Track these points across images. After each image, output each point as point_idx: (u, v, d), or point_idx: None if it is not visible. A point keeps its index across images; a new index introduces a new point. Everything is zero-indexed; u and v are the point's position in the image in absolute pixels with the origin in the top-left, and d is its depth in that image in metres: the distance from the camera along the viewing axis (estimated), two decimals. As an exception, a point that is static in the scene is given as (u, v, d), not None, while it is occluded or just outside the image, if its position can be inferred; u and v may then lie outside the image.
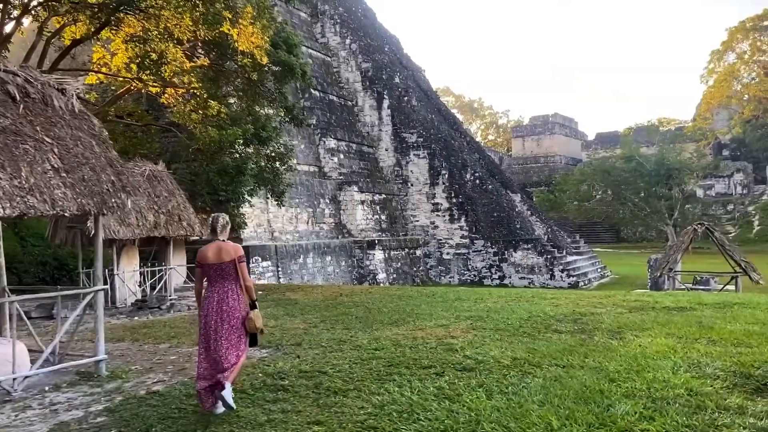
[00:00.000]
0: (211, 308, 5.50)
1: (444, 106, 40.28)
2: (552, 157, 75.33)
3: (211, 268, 5.57)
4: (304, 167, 29.63)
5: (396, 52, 38.46)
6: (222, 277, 5.55)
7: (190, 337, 9.28)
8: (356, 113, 34.25)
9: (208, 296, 5.57)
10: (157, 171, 15.14)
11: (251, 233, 24.77)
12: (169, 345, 9.07)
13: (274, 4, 32.30)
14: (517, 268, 31.12)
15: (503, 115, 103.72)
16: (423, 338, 8.23)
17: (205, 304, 5.55)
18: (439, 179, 32.81)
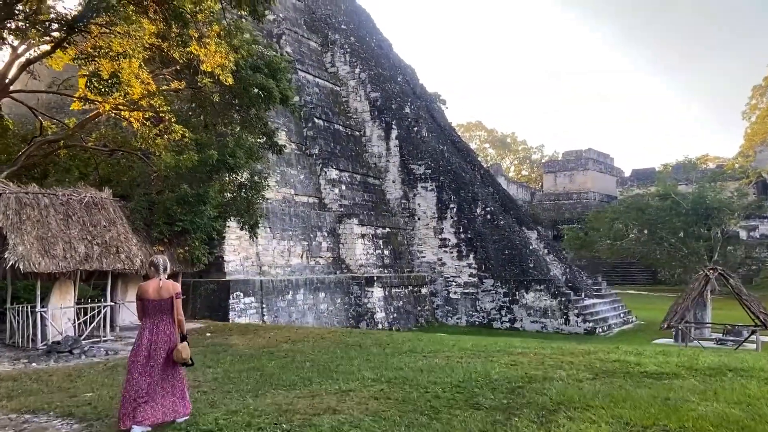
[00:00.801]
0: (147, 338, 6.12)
1: (458, 137, 38.70)
2: (585, 193, 72.62)
3: (150, 303, 6.22)
4: (303, 198, 28.34)
5: (410, 81, 37.27)
6: (160, 311, 6.23)
7: (74, 400, 7.55)
8: (363, 143, 32.98)
9: (145, 327, 6.20)
10: (99, 198, 13.94)
11: (236, 267, 23.43)
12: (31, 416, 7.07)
13: (282, 32, 31.73)
14: (529, 310, 28.88)
15: (537, 150, 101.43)
16: (295, 410, 6.51)
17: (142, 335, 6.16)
18: (447, 213, 31.05)
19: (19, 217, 12.48)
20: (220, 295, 21.81)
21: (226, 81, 15.79)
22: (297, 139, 29.57)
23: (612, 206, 60.71)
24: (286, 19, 32.74)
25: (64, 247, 12.63)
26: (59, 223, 12.88)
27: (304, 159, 29.12)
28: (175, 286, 6.38)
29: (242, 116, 18.55)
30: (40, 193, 13.08)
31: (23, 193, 12.85)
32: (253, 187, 18.25)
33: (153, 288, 6.21)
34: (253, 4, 15.29)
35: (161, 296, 6.18)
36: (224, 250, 23.00)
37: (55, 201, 13.14)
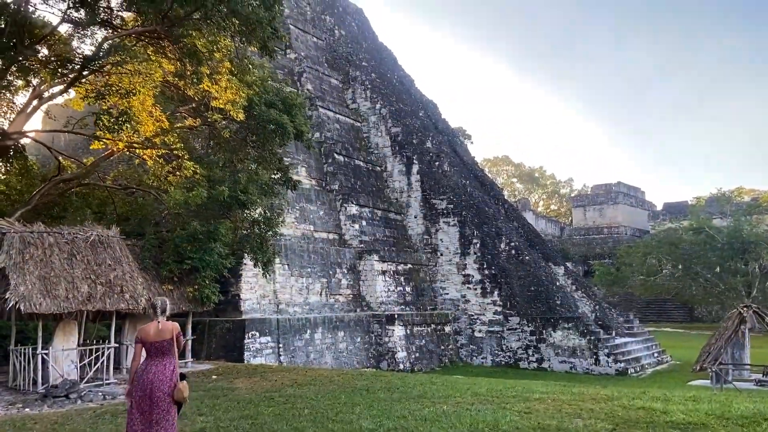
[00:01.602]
0: (148, 378, 6.23)
1: (481, 171, 38.16)
2: (616, 228, 70.98)
3: (152, 345, 6.39)
4: (322, 234, 27.97)
5: (432, 116, 37.05)
6: (161, 352, 6.39)
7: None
8: (384, 179, 32.66)
9: (146, 368, 6.32)
10: (105, 237, 13.72)
11: (253, 305, 23.02)
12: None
13: (303, 70, 31.91)
14: (556, 350, 27.73)
15: (566, 185, 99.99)
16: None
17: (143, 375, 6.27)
18: (470, 248, 30.31)
19: (22, 256, 12.29)
20: (235, 334, 21.37)
21: (237, 117, 15.65)
22: (317, 175, 29.40)
23: (644, 241, 59.11)
24: (308, 57, 32.98)
25: (67, 287, 12.37)
26: (63, 263, 12.65)
27: (324, 195, 28.87)
28: (175, 327, 6.58)
29: (257, 152, 18.38)
30: (45, 232, 12.91)
31: (28, 232, 12.69)
32: (267, 223, 17.93)
33: (153, 330, 6.41)
34: (264, 41, 15.17)
35: (162, 337, 6.39)
36: (241, 287, 22.66)
37: (60, 240, 12.95)
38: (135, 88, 14.16)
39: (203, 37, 15.11)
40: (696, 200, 65.19)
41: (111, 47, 15.96)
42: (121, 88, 14.16)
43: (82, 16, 16.04)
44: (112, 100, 14.28)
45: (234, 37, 15.27)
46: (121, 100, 14.31)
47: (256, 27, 14.51)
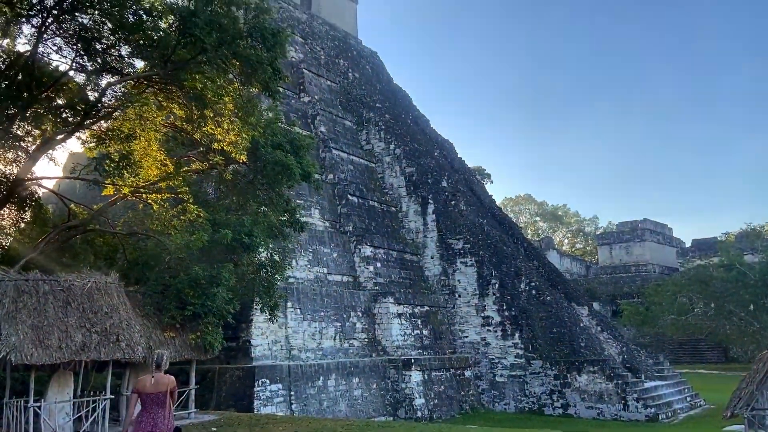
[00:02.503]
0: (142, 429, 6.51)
1: (499, 210, 37.49)
2: (644, 266, 69.19)
3: (148, 396, 6.67)
4: (336, 277, 27.43)
5: (448, 156, 36.72)
6: (156, 404, 6.63)
7: None
8: (400, 219, 32.20)
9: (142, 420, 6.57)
10: (103, 283, 13.38)
11: (264, 351, 22.40)
12: None
13: (317, 113, 31.97)
14: (582, 395, 26.45)
15: (591, 222, 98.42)
16: None
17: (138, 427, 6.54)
18: (488, 289, 29.45)
19: (15, 305, 11.98)
20: (244, 382, 20.72)
21: (240, 158, 15.42)
22: (331, 216, 29.07)
23: (673, 279, 57.34)
24: (321, 100, 33.10)
25: (60, 336, 11.98)
26: (57, 311, 12.31)
27: (337, 237, 28.45)
28: (171, 380, 6.85)
29: (264, 194, 18.10)
30: (40, 279, 12.62)
31: (23, 280, 12.42)
32: (273, 266, 17.49)
33: (149, 381, 6.67)
34: (265, 82, 15.02)
35: (157, 389, 6.64)
36: (251, 333, 22.11)
37: (56, 287, 12.64)
38: (135, 132, 14.02)
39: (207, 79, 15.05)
40: (725, 236, 63.45)
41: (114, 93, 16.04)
42: (122, 133, 14.03)
43: (95, 65, 16.17)
44: (113, 145, 14.15)
45: (235, 79, 15.14)
46: (121, 144, 14.17)
47: (258, 68, 14.37)
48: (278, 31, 14.78)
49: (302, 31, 36.12)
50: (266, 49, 14.62)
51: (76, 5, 15.37)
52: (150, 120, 14.36)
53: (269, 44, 14.56)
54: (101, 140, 14.36)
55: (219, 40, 14.15)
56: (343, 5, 42.30)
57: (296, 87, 32.69)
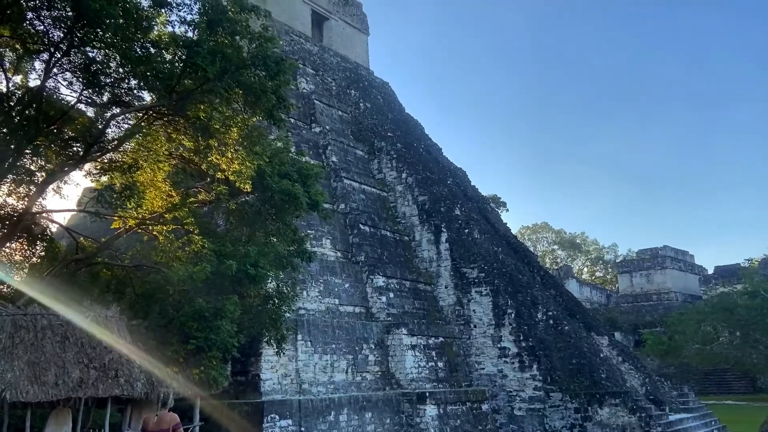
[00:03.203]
0: None
1: (515, 238, 36.87)
2: (666, 294, 67.77)
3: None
4: (348, 308, 26.91)
5: (461, 184, 36.33)
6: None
7: None
8: (413, 248, 31.70)
9: None
10: (103, 317, 13.08)
11: (274, 386, 21.87)
12: None
13: (328, 143, 31.89)
14: (604, 428, 25.42)
15: (610, 250, 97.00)
16: None
17: None
18: (504, 319, 28.69)
19: (12, 340, 11.70)
20: (253, 418, 20.13)
21: (244, 188, 15.18)
22: (342, 246, 28.69)
23: (696, 307, 55.96)
24: (333, 130, 33.04)
25: (57, 373, 11.64)
26: (55, 346, 12.00)
27: (349, 267, 28.01)
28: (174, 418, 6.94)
29: (270, 224, 17.82)
30: (38, 314, 12.36)
31: (21, 314, 12.16)
32: (280, 298, 17.09)
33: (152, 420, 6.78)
34: (270, 110, 14.85)
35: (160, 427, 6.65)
36: (260, 367, 21.62)
37: (54, 322, 12.35)
38: (138, 162, 13.86)
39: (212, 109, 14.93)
40: (749, 262, 61.95)
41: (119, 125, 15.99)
42: (124, 164, 13.88)
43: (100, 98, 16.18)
44: (116, 176, 14.01)
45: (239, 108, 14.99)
46: (124, 175, 14.01)
47: (261, 96, 14.22)
48: (281, 59, 14.68)
49: (313, 63, 36.32)
50: (270, 77, 14.49)
51: (84, 40, 15.42)
52: (153, 151, 14.20)
53: (272, 72, 14.43)
54: (104, 172, 14.22)
55: (222, 70, 14.06)
56: (354, 37, 42.61)
57: (307, 118, 32.71)
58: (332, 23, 41.21)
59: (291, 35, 36.56)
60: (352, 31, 42.64)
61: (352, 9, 42.93)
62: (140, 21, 14.78)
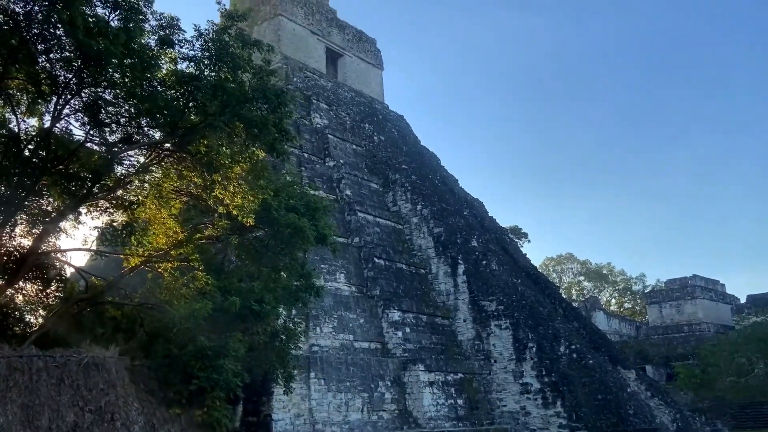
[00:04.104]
0: None
1: (534, 269, 36.05)
2: (697, 324, 65.59)
3: None
4: (363, 344, 26.30)
5: (478, 215, 35.82)
6: None
7: None
8: (429, 282, 31.09)
9: None
10: (101, 358, 12.76)
11: (287, 426, 21.23)
12: None
13: (342, 176, 31.75)
14: (634, 468, 24.23)
15: (638, 281, 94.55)
16: None
17: None
18: (526, 354, 27.76)
19: (6, 383, 11.39)
20: (263, 461, 19.59)
21: (247, 222, 14.92)
22: (357, 281, 28.22)
23: (729, 338, 53.89)
24: (346, 164, 32.94)
25: (51, 416, 11.30)
26: (50, 389, 11.68)
27: (364, 301, 27.50)
28: None
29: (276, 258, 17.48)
30: (35, 356, 12.08)
31: (16, 356, 11.88)
32: (287, 334, 16.64)
33: None
34: (271, 143, 14.66)
35: None
36: (272, 407, 21.04)
37: (50, 364, 12.06)
38: (139, 200, 13.70)
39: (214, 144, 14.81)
40: (783, 289, 59.70)
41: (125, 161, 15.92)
42: (124, 201, 13.74)
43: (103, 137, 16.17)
44: (117, 213, 13.87)
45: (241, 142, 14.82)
46: (124, 212, 13.86)
47: (262, 129, 14.06)
48: (282, 91, 14.55)
49: (327, 98, 36.50)
50: (271, 110, 14.34)
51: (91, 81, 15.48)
52: (155, 188, 14.06)
53: (273, 105, 14.29)
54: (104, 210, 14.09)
55: (223, 104, 13.95)
56: (368, 72, 42.90)
57: (321, 152, 32.69)
58: (346, 59, 41.60)
59: (305, 72, 36.89)
60: (367, 66, 42.94)
61: (366, 45, 43.35)
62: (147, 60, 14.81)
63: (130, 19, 14.39)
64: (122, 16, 14.62)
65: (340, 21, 42.07)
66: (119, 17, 14.80)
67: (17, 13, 14.62)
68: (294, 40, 38.06)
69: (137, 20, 14.64)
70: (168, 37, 15.05)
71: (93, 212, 14.57)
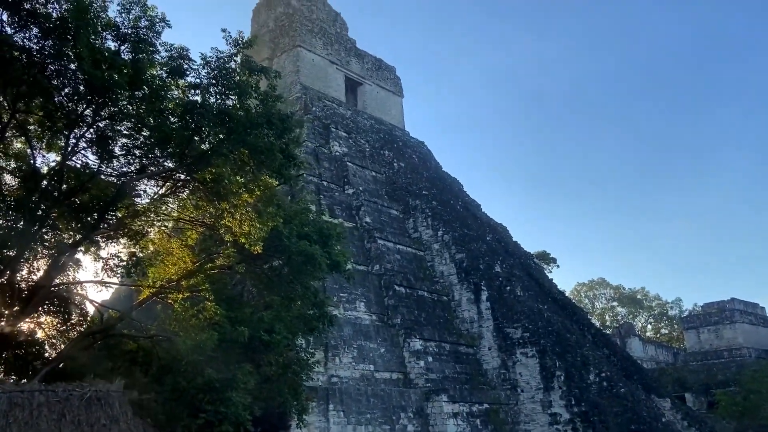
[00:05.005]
0: None
1: (561, 294, 35.02)
2: (737, 350, 63.08)
3: None
4: (384, 374, 25.63)
5: (501, 240, 35.09)
6: None
7: None
8: (452, 309, 30.37)
9: None
10: (103, 392, 12.45)
11: (305, 461, 20.60)
12: None
13: (361, 204, 31.47)
14: (672, 504, 22.89)
15: (674, 305, 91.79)
16: None
17: None
18: (554, 382, 26.73)
19: (6, 419, 11.16)
20: (280, 499, 18.94)
21: (254, 250, 14.62)
22: (377, 309, 27.68)
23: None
24: (366, 191, 32.69)
25: (50, 453, 10.95)
26: (50, 425, 11.40)
27: (384, 330, 26.91)
28: None
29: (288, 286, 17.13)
30: (36, 390, 11.85)
31: (17, 391, 11.66)
32: (300, 365, 16.17)
33: None
34: (278, 169, 14.43)
35: None
36: (290, 442, 20.51)
37: (52, 399, 11.80)
38: (144, 229, 13.54)
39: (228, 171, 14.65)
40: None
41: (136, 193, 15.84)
42: (130, 230, 13.59)
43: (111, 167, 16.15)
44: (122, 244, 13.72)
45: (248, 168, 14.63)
46: (131, 242, 13.70)
47: (268, 155, 13.85)
48: (287, 116, 14.37)
49: (346, 126, 36.49)
50: (276, 135, 14.14)
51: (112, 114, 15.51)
52: (164, 217, 13.90)
53: (278, 130, 14.09)
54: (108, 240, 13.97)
55: (228, 131, 13.81)
56: (388, 100, 42.95)
57: (340, 179, 32.51)
58: (366, 88, 41.75)
59: (324, 101, 37.04)
60: (386, 94, 43.01)
61: (385, 73, 43.50)
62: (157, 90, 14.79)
63: (141, 51, 14.43)
64: (132, 48, 14.68)
65: (359, 50, 42.38)
66: (129, 49, 14.87)
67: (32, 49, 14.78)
68: (313, 70, 38.36)
69: (148, 51, 14.69)
70: (179, 67, 15.05)
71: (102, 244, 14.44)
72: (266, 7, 42.64)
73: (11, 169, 16.69)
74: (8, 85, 14.33)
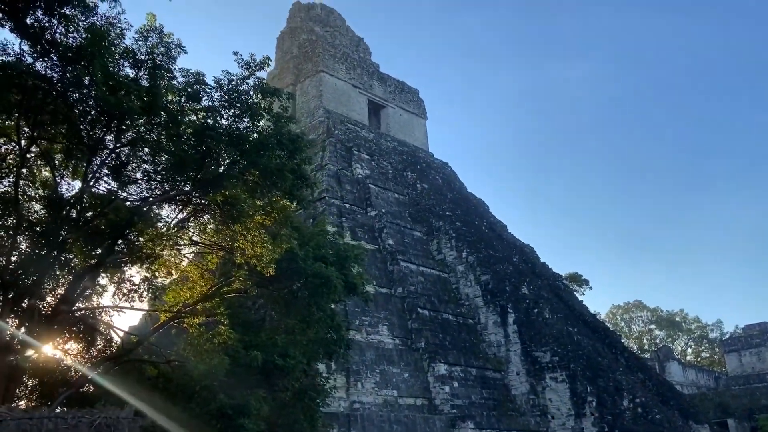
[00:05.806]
0: None
1: (592, 317, 33.93)
2: (782, 373, 60.52)
3: None
4: (408, 400, 24.99)
5: (528, 261, 34.32)
6: None
7: None
8: (478, 332, 29.63)
9: None
10: (114, 419, 12.25)
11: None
12: None
13: (384, 226, 31.17)
14: None
15: (714, 327, 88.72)
16: None
17: None
18: (585, 408, 25.73)
19: (13, 445, 10.98)
20: None
21: (267, 272, 14.39)
22: (401, 333, 27.15)
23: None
24: (388, 213, 32.40)
25: (56, 481, 10.74)
26: (58, 451, 11.17)
27: (408, 355, 26.33)
28: None
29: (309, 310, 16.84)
30: (45, 417, 11.70)
31: (26, 418, 11.54)
32: (315, 391, 15.78)
33: None
34: (289, 190, 14.26)
35: None
36: (310, 470, 20.00)
37: (61, 426, 11.64)
38: (155, 252, 13.45)
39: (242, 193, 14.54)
40: None
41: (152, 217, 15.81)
42: (142, 254, 13.51)
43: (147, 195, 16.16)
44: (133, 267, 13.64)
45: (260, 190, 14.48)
46: (141, 266, 13.61)
47: (278, 176, 13.69)
48: (297, 137, 14.23)
49: (369, 149, 36.41)
50: (287, 156, 14.00)
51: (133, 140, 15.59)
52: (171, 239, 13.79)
53: (289, 150, 13.95)
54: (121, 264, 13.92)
55: (240, 153, 13.72)
56: (411, 122, 42.86)
57: (363, 202, 32.31)
58: (389, 110, 41.78)
59: (347, 124, 37.11)
60: (409, 116, 42.95)
61: (408, 96, 43.51)
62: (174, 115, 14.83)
63: (158, 77, 14.48)
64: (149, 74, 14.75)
65: (382, 74, 42.53)
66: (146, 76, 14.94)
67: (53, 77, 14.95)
68: (336, 94, 38.57)
69: (165, 77, 14.75)
70: (196, 93, 15.08)
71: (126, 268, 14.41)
72: (290, 35, 43.21)
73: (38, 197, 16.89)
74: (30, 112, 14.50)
